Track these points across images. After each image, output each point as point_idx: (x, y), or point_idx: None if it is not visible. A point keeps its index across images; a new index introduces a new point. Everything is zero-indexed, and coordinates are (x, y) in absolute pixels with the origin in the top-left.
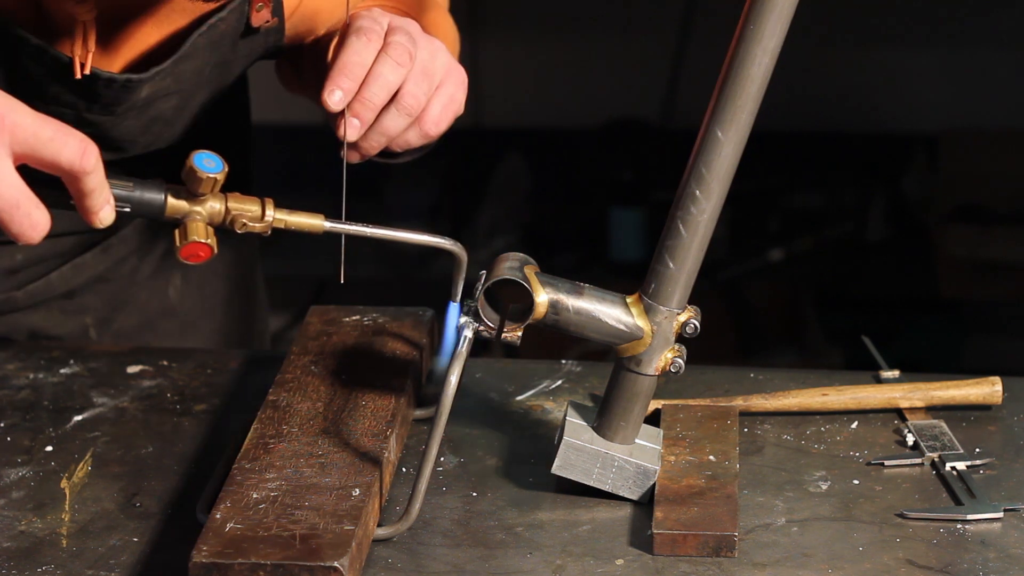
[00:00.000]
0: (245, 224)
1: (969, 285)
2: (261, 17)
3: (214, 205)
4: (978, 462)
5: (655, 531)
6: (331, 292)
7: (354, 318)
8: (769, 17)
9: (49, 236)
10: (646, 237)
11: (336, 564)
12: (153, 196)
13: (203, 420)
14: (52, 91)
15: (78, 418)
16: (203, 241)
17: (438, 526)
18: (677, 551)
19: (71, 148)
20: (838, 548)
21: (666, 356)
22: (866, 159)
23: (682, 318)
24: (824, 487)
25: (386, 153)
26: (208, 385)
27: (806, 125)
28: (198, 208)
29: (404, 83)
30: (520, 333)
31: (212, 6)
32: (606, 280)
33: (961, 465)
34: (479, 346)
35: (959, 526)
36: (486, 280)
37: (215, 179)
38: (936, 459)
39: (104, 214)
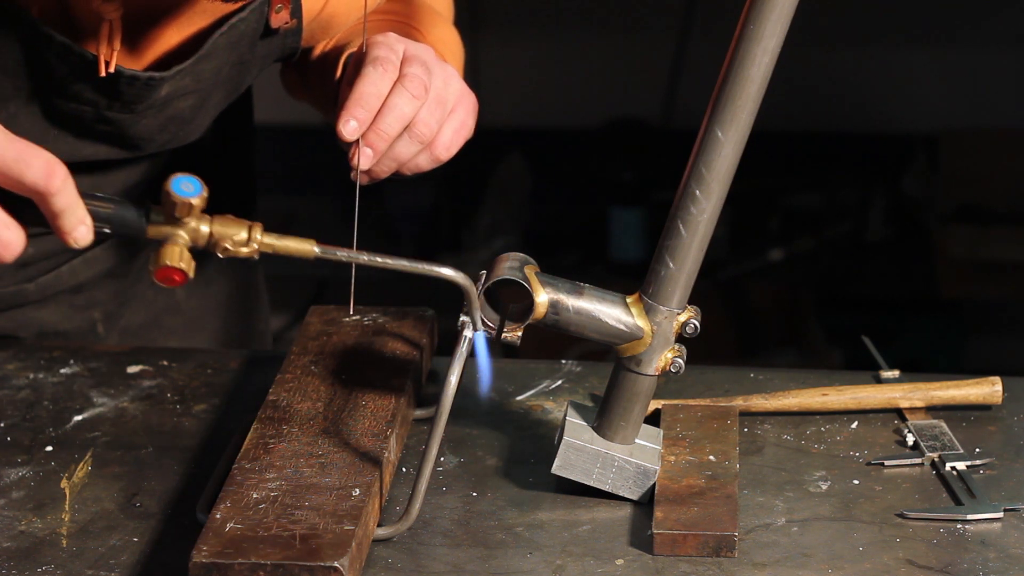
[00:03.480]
0: (227, 249)
1: (969, 285)
2: (280, 18)
3: (198, 228)
4: (978, 462)
5: (655, 531)
6: (331, 292)
7: (354, 318)
8: (769, 17)
9: None
10: (646, 237)
11: (336, 564)
12: (134, 217)
13: (203, 420)
14: (74, 88)
15: (78, 418)
16: (174, 265)
17: (438, 526)
18: (677, 551)
19: (36, 168)
20: (838, 548)
21: (666, 356)
22: (866, 159)
23: (682, 318)
24: (824, 487)
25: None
26: (208, 385)
27: (806, 125)
28: (181, 231)
29: (427, 91)
30: (520, 333)
31: (234, 7)
32: (606, 280)
33: (961, 465)
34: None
35: (959, 526)
36: (486, 280)
37: (190, 204)
38: (936, 459)
39: (78, 234)
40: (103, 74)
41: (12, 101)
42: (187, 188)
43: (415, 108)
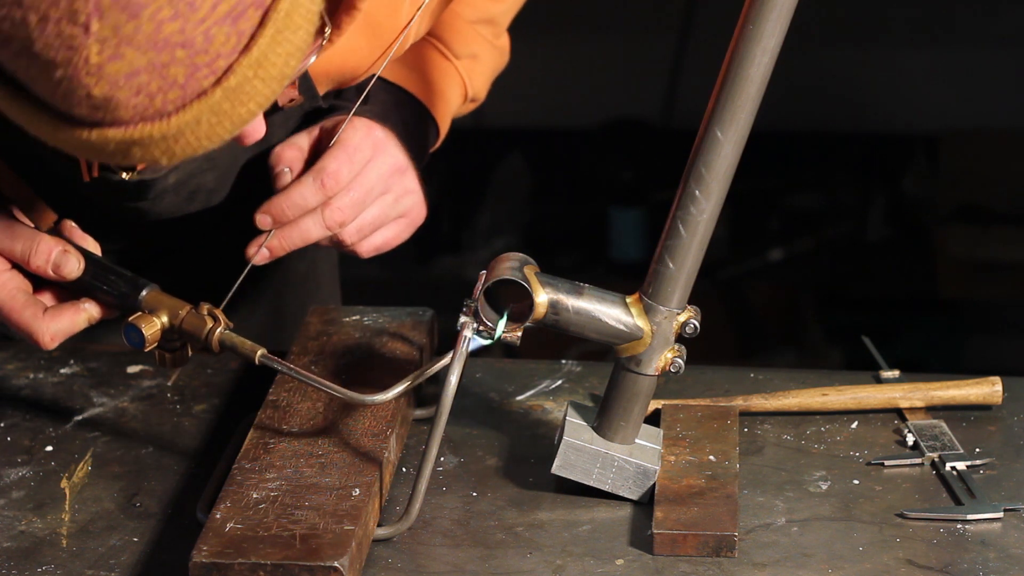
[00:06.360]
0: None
1: (969, 285)
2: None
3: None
4: (978, 462)
5: (655, 531)
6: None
7: (354, 318)
8: (769, 17)
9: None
10: (646, 237)
11: (336, 564)
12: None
13: (203, 420)
14: (80, 187)
15: (78, 418)
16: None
17: (438, 526)
18: (677, 551)
19: None
20: (838, 548)
21: (666, 356)
22: (866, 159)
23: (682, 318)
24: (824, 487)
25: None
26: (208, 385)
27: (806, 125)
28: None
29: (343, 225)
30: (520, 333)
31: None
32: (606, 280)
33: (961, 465)
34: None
35: (959, 526)
36: (486, 280)
37: (141, 349)
38: (936, 459)
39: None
40: (87, 179)
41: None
42: (134, 338)
43: (322, 235)
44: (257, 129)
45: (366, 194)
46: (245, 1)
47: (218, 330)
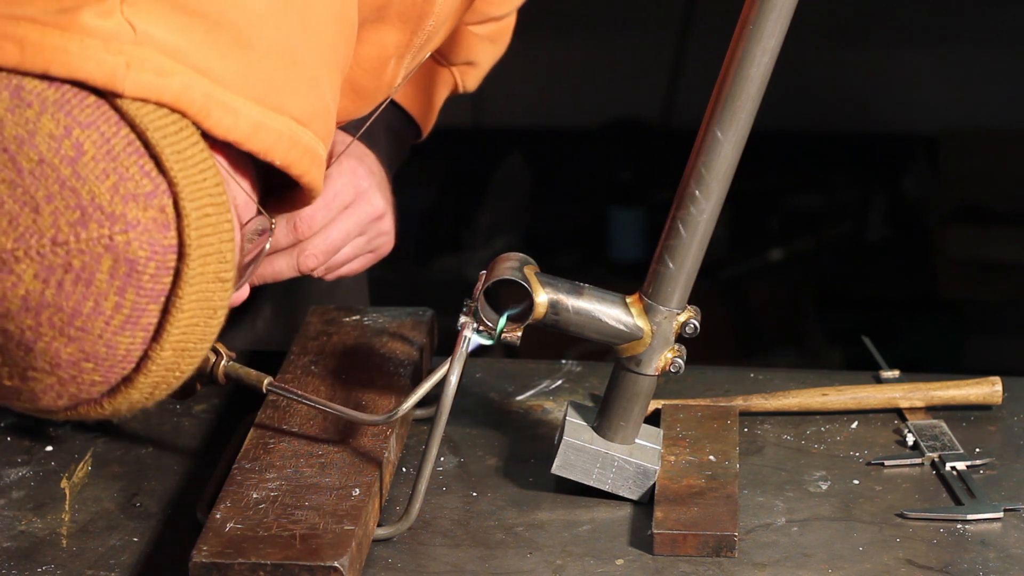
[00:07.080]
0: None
1: (969, 285)
2: None
3: None
4: (978, 462)
5: (655, 531)
6: None
7: (354, 318)
8: (769, 17)
9: None
10: (646, 237)
11: (336, 564)
12: None
13: (203, 420)
14: None
15: None
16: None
17: (438, 526)
18: (677, 551)
19: None
20: (838, 548)
21: (666, 356)
22: (866, 159)
23: (682, 318)
24: (824, 487)
25: None
26: (208, 385)
27: (806, 125)
28: None
29: (313, 270)
30: (520, 333)
31: None
32: (606, 280)
33: (961, 465)
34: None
35: (959, 526)
36: (486, 280)
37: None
38: (936, 459)
39: None
40: None
41: None
42: None
43: (293, 274)
44: (240, 297)
45: (341, 240)
46: (141, 303)
47: (222, 363)
